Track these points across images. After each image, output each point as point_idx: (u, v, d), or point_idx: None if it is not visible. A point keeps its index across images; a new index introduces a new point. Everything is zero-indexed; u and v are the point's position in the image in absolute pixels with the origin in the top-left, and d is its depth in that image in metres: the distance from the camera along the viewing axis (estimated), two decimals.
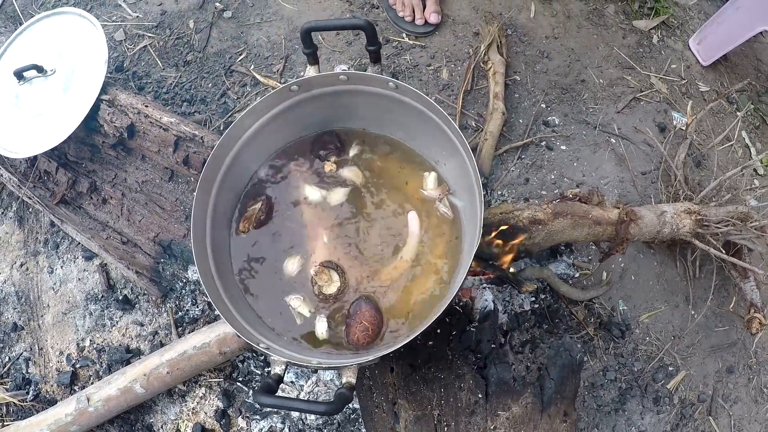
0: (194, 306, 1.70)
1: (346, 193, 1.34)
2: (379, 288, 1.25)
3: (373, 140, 1.40)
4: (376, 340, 1.22)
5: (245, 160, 1.30)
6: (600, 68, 2.06)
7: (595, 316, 1.75)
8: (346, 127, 1.39)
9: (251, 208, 1.33)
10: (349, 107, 1.32)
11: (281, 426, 1.62)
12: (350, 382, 1.01)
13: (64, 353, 1.79)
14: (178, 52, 2.06)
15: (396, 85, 1.19)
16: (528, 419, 1.33)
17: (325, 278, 1.23)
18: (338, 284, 1.22)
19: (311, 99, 1.28)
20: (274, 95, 1.22)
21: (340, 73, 1.22)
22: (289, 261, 1.30)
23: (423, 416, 1.34)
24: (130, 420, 1.70)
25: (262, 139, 1.31)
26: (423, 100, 1.16)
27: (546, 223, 1.49)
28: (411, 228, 1.30)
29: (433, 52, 2.02)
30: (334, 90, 1.27)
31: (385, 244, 1.29)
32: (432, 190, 1.33)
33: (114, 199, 1.74)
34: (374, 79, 1.21)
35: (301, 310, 1.26)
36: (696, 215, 1.61)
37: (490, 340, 1.47)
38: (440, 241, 1.31)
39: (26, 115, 1.72)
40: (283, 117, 1.28)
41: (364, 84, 1.24)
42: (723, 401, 1.78)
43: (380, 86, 1.22)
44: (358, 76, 1.22)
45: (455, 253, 1.29)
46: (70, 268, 1.85)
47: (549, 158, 1.87)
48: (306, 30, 1.15)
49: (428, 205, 1.32)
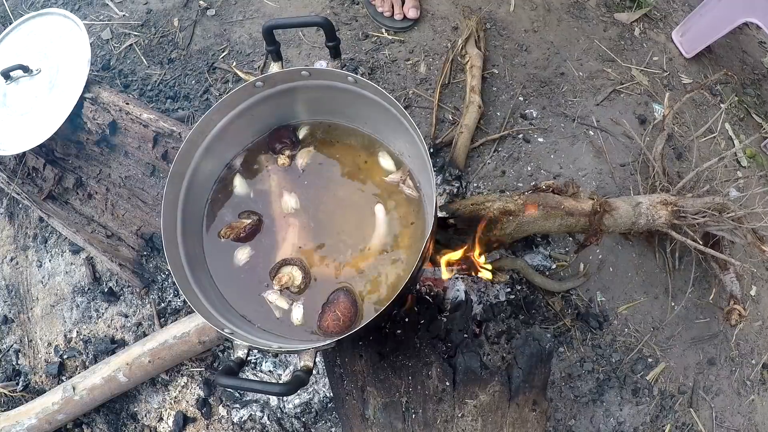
0: (176, 297, 1.74)
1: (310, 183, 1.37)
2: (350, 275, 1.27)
3: (335, 131, 1.42)
4: (346, 331, 1.24)
5: (215, 155, 1.34)
6: (580, 61, 2.06)
7: (572, 307, 1.76)
8: (310, 120, 1.41)
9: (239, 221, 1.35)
10: (312, 102, 1.35)
11: (260, 414, 1.65)
12: (307, 366, 1.04)
13: (52, 344, 1.84)
14: (162, 50, 2.11)
15: (355, 80, 1.21)
16: (496, 407, 1.35)
17: (285, 279, 1.25)
18: (301, 275, 1.25)
19: (276, 95, 1.31)
20: (239, 91, 1.25)
21: (302, 69, 1.24)
22: (239, 251, 1.31)
23: (391, 403, 1.36)
24: (115, 409, 1.74)
25: (231, 134, 1.34)
26: (380, 92, 1.18)
27: (517, 214, 1.51)
28: (378, 219, 1.32)
29: (412, 46, 2.04)
30: (297, 85, 1.30)
31: (350, 233, 1.31)
32: (393, 174, 1.35)
33: (99, 194, 1.78)
34: (334, 74, 1.24)
35: (279, 303, 1.28)
36: (672, 206, 1.61)
37: (462, 330, 1.49)
38: (406, 232, 1.33)
39: (13, 113, 1.77)
40: (250, 112, 1.31)
41: (325, 79, 1.27)
42: (704, 393, 1.78)
43: (340, 81, 1.25)
44: (319, 72, 1.25)
45: (417, 239, 1.31)
46: (58, 261, 1.90)
47: (526, 151, 1.89)
48: (267, 28, 1.18)
49: (392, 189, 1.34)
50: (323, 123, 1.43)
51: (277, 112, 1.36)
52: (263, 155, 1.40)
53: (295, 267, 1.24)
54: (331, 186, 1.36)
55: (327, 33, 1.15)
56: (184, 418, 1.69)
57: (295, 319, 1.25)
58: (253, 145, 1.40)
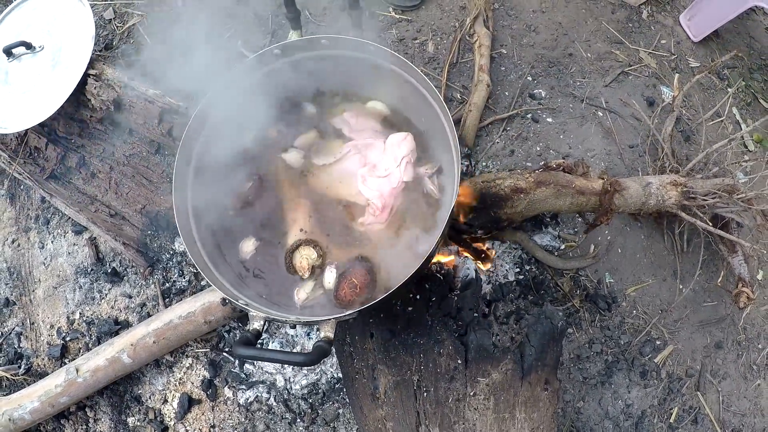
0: (181, 277, 1.72)
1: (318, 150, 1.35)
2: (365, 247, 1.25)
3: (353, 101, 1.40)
4: (363, 300, 1.21)
5: (227, 125, 1.31)
6: (588, 42, 2.05)
7: (581, 288, 1.75)
8: (327, 90, 1.39)
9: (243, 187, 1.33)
10: (329, 72, 1.33)
11: (266, 395, 1.63)
12: (328, 336, 1.02)
13: (54, 327, 1.81)
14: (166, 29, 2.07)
15: (375, 49, 1.19)
16: (508, 386, 1.33)
17: (304, 263, 1.23)
18: (315, 254, 1.23)
19: (293, 63, 1.29)
20: (256, 58, 1.22)
21: (322, 37, 1.22)
22: (243, 243, 1.29)
23: (402, 381, 1.35)
24: (119, 391, 1.72)
25: (245, 103, 1.31)
26: (400, 62, 1.16)
27: (528, 192, 1.49)
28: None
29: (419, 26, 2.02)
30: (316, 54, 1.28)
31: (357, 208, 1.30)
32: (424, 168, 1.34)
33: (102, 173, 1.75)
34: (355, 43, 1.22)
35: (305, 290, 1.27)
36: (682, 187, 1.60)
37: (472, 308, 1.47)
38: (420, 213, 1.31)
39: (16, 91, 1.74)
40: (266, 81, 1.28)
41: (345, 48, 1.25)
42: (711, 377, 1.77)
43: (360, 50, 1.23)
44: (339, 40, 1.23)
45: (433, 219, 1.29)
46: (60, 242, 1.87)
47: (535, 130, 1.87)
48: None
49: (416, 181, 1.33)
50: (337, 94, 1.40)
51: (293, 81, 1.33)
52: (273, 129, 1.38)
53: (308, 247, 1.22)
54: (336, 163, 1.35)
55: (350, 1, 1.13)
56: (189, 400, 1.67)
57: (326, 283, 1.23)
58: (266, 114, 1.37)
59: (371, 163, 1.28)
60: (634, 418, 1.69)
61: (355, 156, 1.34)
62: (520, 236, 1.66)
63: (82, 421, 1.73)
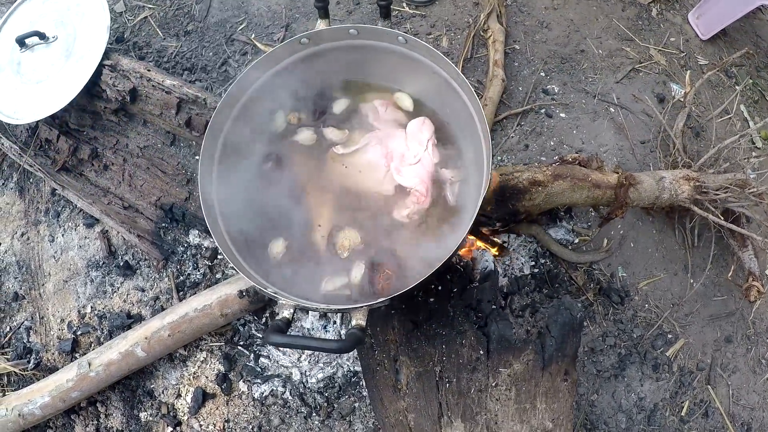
0: (196, 270, 1.71)
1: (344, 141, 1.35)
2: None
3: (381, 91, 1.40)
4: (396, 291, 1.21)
5: (253, 112, 1.30)
6: (599, 39, 2.07)
7: (594, 281, 1.76)
8: (354, 79, 1.38)
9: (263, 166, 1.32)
10: (357, 63, 1.32)
11: (282, 390, 1.62)
12: (360, 324, 1.02)
13: (65, 321, 1.79)
14: (178, 22, 2.07)
15: (406, 40, 1.19)
16: (529, 376, 1.33)
17: (346, 242, 1.23)
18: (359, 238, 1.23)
19: (320, 53, 1.28)
20: (283, 47, 1.21)
21: (350, 27, 1.21)
22: (272, 245, 1.27)
23: (425, 372, 1.34)
24: (131, 386, 1.70)
25: (270, 92, 1.30)
26: (433, 54, 1.16)
27: (546, 185, 1.50)
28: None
29: (434, 21, 2.03)
30: (344, 44, 1.27)
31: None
32: (450, 172, 1.33)
33: (115, 165, 1.74)
34: (384, 33, 1.21)
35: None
36: (694, 181, 1.62)
37: (491, 300, 1.48)
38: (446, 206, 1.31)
39: (28, 81, 1.72)
40: (291, 71, 1.28)
41: (374, 39, 1.24)
42: (722, 371, 1.78)
43: (390, 41, 1.22)
44: (369, 30, 1.21)
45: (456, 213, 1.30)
46: (71, 236, 1.85)
47: (548, 125, 1.89)
48: None
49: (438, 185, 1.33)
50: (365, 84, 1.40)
51: (320, 72, 1.32)
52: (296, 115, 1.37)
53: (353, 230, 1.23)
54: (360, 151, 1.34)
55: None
56: (203, 394, 1.65)
57: (353, 277, 1.22)
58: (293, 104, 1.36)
59: (398, 153, 1.28)
60: (646, 411, 1.70)
61: (377, 146, 1.34)
62: (535, 229, 1.67)
63: (93, 416, 1.71)
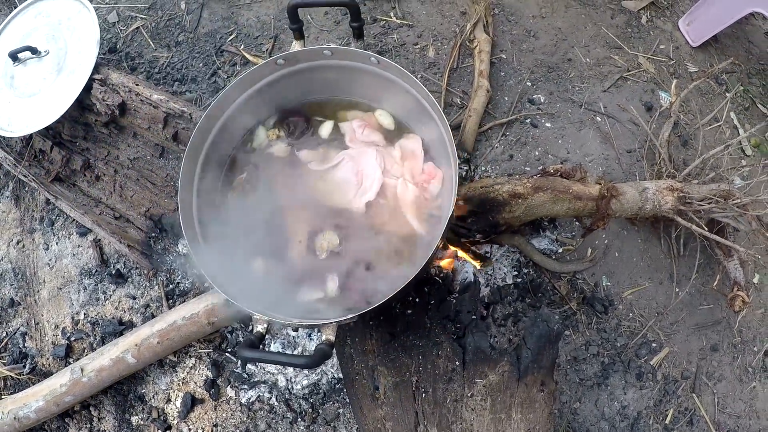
0: (184, 279, 1.75)
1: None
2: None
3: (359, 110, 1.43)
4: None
5: (232, 131, 1.34)
6: (587, 47, 2.07)
7: (578, 291, 1.78)
8: (330, 99, 1.41)
9: (238, 178, 1.36)
10: (332, 82, 1.35)
11: (268, 395, 1.66)
12: (329, 339, 1.05)
13: (59, 327, 1.84)
14: (169, 32, 2.10)
15: (378, 60, 1.22)
16: (505, 387, 1.36)
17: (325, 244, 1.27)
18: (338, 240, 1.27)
19: (296, 73, 1.32)
20: (260, 68, 1.25)
21: (325, 48, 1.25)
22: (254, 263, 1.30)
23: (402, 382, 1.38)
24: (123, 391, 1.75)
25: (249, 111, 1.34)
26: (403, 74, 1.19)
27: (526, 197, 1.52)
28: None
29: (420, 31, 2.05)
30: (319, 64, 1.30)
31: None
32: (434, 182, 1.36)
33: (107, 176, 1.78)
34: (357, 54, 1.24)
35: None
36: (678, 192, 1.62)
37: (471, 311, 1.50)
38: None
39: (21, 95, 1.77)
40: (269, 90, 1.31)
41: (348, 59, 1.27)
42: (707, 379, 1.79)
43: (363, 61, 1.25)
44: (342, 51, 1.25)
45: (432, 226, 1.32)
46: (65, 244, 1.90)
47: (533, 135, 1.90)
48: (293, 6, 1.20)
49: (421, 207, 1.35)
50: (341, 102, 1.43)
51: (296, 91, 1.36)
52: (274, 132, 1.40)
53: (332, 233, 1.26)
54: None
55: (353, 14, 1.17)
56: (192, 399, 1.70)
57: (330, 291, 1.26)
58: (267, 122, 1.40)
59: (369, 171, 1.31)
60: (629, 419, 1.71)
61: (349, 163, 1.36)
62: (518, 240, 1.69)
63: (86, 420, 1.76)
